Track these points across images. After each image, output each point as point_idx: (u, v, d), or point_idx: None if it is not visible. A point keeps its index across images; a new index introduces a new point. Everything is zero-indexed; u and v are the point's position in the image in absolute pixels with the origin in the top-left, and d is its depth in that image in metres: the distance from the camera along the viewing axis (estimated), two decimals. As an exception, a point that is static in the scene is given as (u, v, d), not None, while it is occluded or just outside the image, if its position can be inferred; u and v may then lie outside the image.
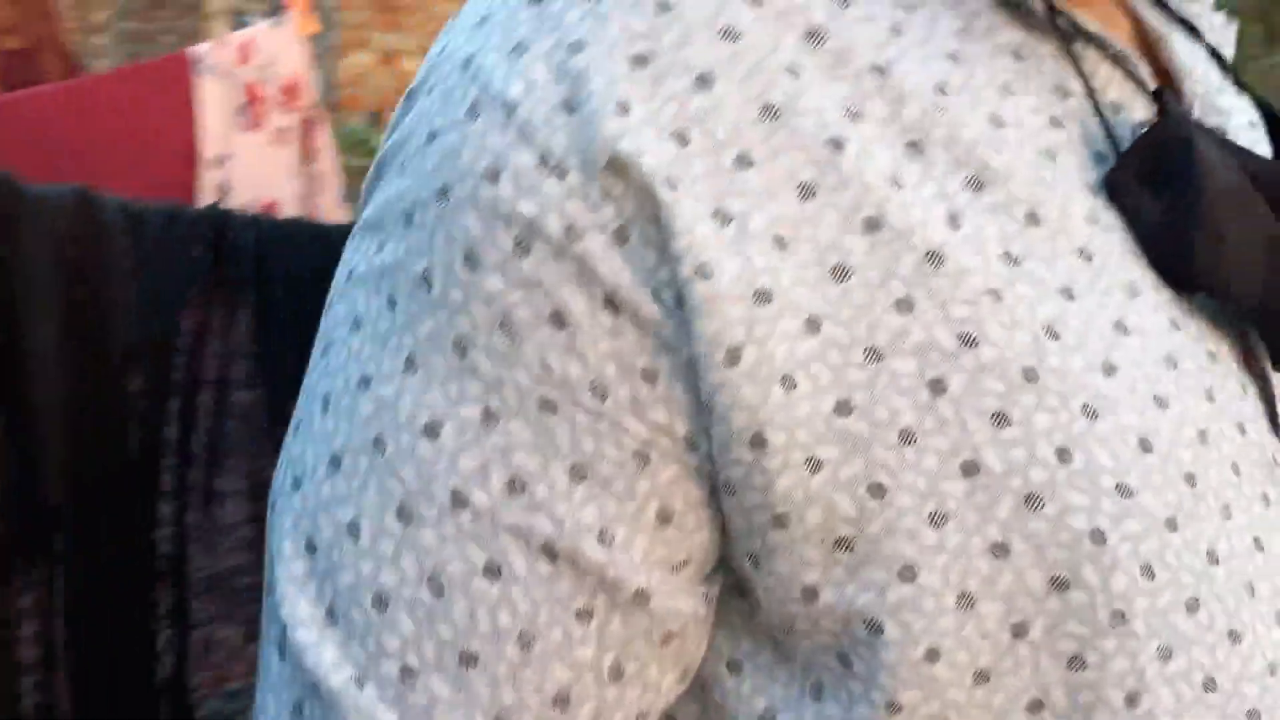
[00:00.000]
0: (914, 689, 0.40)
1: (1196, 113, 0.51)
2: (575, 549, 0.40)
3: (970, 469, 0.40)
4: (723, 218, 0.39)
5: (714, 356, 0.39)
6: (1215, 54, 0.55)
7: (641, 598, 0.41)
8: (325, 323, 0.45)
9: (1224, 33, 0.58)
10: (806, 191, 0.40)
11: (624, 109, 0.39)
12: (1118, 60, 0.48)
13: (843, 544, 0.41)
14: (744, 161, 0.40)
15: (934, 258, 0.41)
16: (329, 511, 0.42)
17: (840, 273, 0.40)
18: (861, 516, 0.40)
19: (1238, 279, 0.46)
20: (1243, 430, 0.46)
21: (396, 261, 0.41)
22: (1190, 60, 0.54)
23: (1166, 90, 0.48)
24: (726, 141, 0.40)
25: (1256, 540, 0.45)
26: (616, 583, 0.41)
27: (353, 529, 0.41)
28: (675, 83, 0.40)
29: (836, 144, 0.41)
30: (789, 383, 0.40)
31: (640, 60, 0.40)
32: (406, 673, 0.41)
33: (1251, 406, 0.47)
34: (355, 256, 0.44)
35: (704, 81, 0.40)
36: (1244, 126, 0.54)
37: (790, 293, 0.40)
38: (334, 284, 0.45)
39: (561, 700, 0.41)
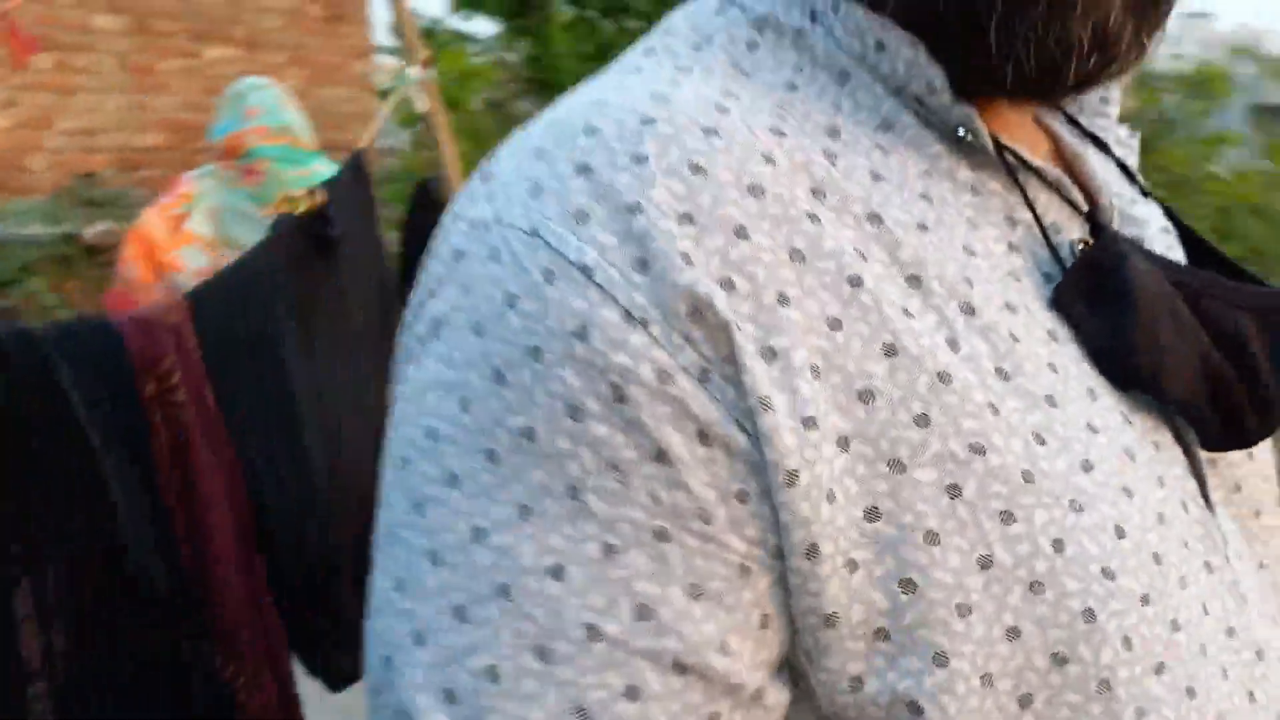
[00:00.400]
0: None
1: (1116, 224, 0.58)
2: (703, 663, 0.45)
3: (986, 563, 0.47)
4: (770, 353, 0.45)
5: (777, 479, 0.45)
6: (1123, 166, 0.64)
7: (758, 696, 0.47)
8: (409, 479, 0.47)
9: (1129, 143, 0.66)
10: (835, 324, 0.47)
11: (688, 261, 0.45)
12: (1053, 186, 0.56)
13: (881, 634, 0.46)
14: (782, 300, 0.46)
15: (944, 377, 0.47)
16: (464, 661, 0.44)
17: (866, 396, 0.46)
18: (895, 609, 0.46)
19: (1172, 379, 0.53)
20: (1186, 508, 0.53)
21: (493, 418, 0.45)
22: (1104, 174, 0.61)
23: (1098, 220, 0.56)
24: (765, 284, 0.46)
25: (1204, 606, 0.52)
26: (739, 687, 0.46)
27: (491, 673, 0.44)
28: (717, 236, 0.46)
29: (856, 281, 0.47)
30: (831, 497, 0.45)
31: (687, 218, 0.46)
32: None
33: (1189, 485, 0.54)
34: (431, 417, 0.47)
35: (741, 233, 0.46)
36: (1158, 233, 0.62)
37: (828, 417, 0.46)
38: (404, 441, 0.48)
39: None
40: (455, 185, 2.71)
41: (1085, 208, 0.56)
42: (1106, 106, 0.65)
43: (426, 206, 2.63)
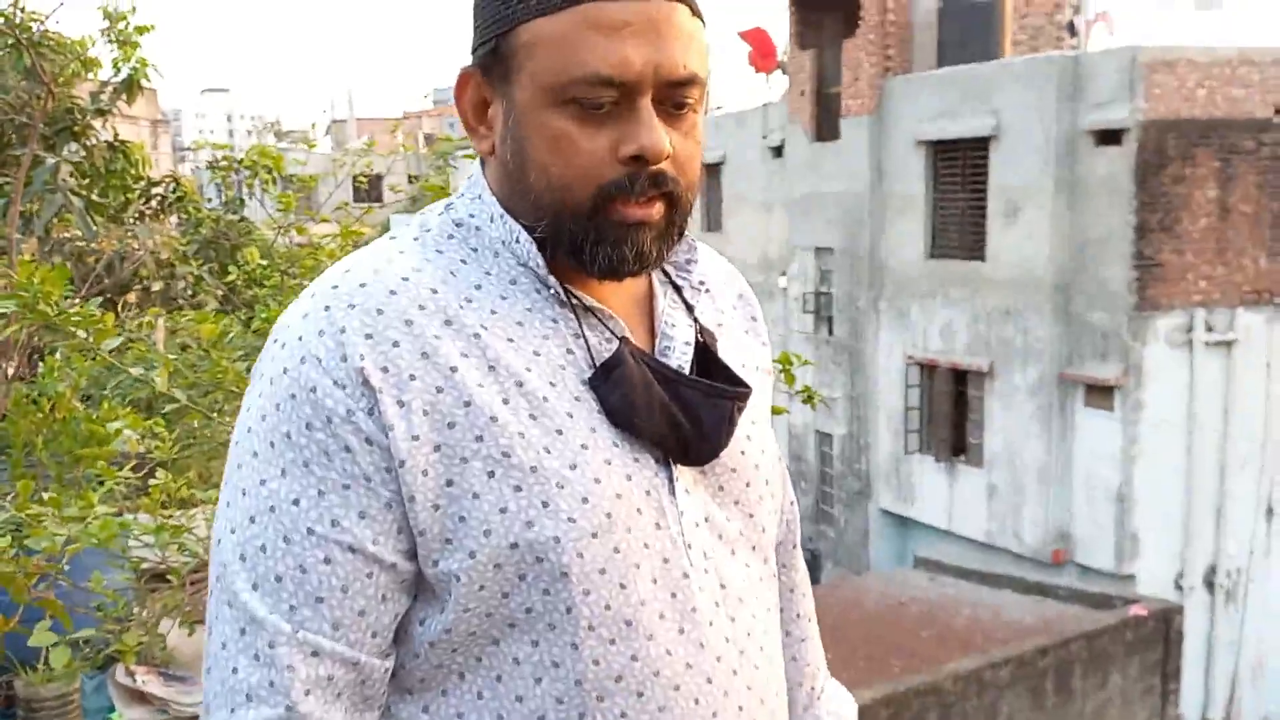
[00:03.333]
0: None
1: (660, 340, 1.12)
2: (363, 548, 0.98)
3: (504, 509, 0.98)
4: (399, 404, 0.97)
5: (394, 463, 0.97)
6: (686, 304, 1.15)
7: (393, 565, 1.02)
8: (236, 452, 1.02)
9: (698, 287, 1.17)
10: (438, 390, 0.98)
11: (362, 357, 0.97)
12: (602, 319, 1.07)
13: (447, 541, 0.99)
14: (411, 377, 0.98)
15: (493, 419, 0.99)
16: (251, 543, 0.99)
17: (450, 425, 0.98)
18: (454, 529, 0.98)
19: (642, 426, 1.04)
20: (648, 493, 1.04)
21: (271, 426, 0.99)
22: (670, 308, 1.14)
23: (623, 340, 1.06)
24: (403, 369, 0.97)
25: (645, 544, 1.03)
26: (382, 560, 1.00)
27: (263, 549, 0.98)
28: (383, 345, 0.98)
29: (453, 369, 0.99)
30: (425, 472, 0.97)
31: (369, 336, 0.98)
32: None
33: (659, 479, 1.06)
34: (244, 425, 1.02)
35: (395, 344, 0.98)
36: (681, 345, 1.12)
37: (428, 435, 0.97)
38: (238, 430, 1.03)
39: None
40: None
41: (621, 334, 1.07)
42: (691, 265, 1.16)
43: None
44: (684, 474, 1.07)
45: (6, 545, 2.50)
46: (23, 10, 5.42)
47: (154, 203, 5.98)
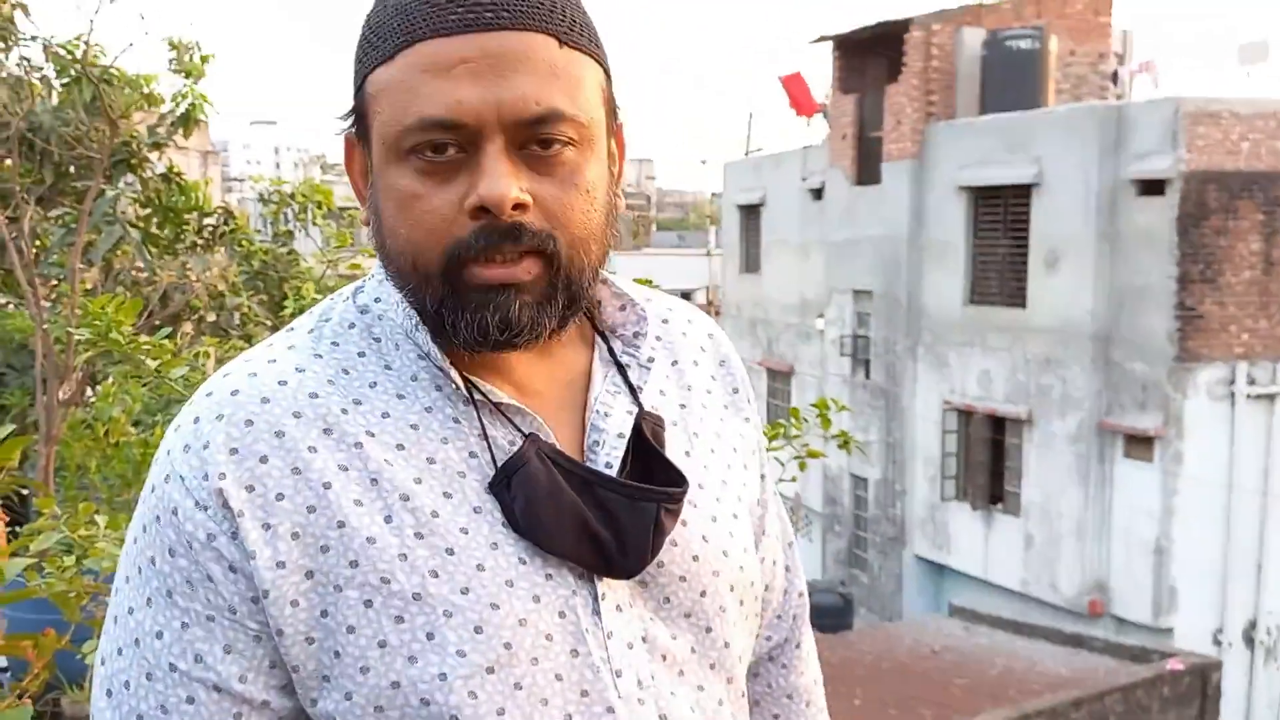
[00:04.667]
0: None
1: (590, 433, 0.96)
2: (229, 687, 0.88)
3: (383, 644, 0.86)
4: (265, 526, 0.86)
5: (259, 593, 0.87)
6: (630, 386, 0.99)
7: (265, 704, 0.89)
8: (117, 573, 0.94)
9: (646, 365, 1.01)
10: (311, 509, 0.87)
11: (223, 476, 0.87)
12: (510, 415, 0.93)
13: (323, 679, 0.88)
14: (279, 497, 0.87)
15: (370, 540, 0.87)
16: (117, 676, 0.91)
17: (324, 550, 0.87)
18: (330, 666, 0.87)
19: (553, 539, 0.89)
20: (562, 614, 0.90)
21: (139, 550, 0.90)
22: (607, 393, 0.98)
23: (528, 437, 0.91)
24: (271, 488, 0.87)
25: (557, 675, 0.89)
26: (251, 699, 0.89)
27: (126, 685, 0.90)
28: (250, 460, 0.87)
29: (327, 485, 0.87)
30: (295, 604, 0.86)
31: (234, 451, 0.87)
32: None
33: (578, 597, 0.91)
34: (127, 538, 0.93)
35: (263, 459, 0.87)
36: (614, 438, 0.95)
37: (299, 561, 0.86)
38: (123, 555, 0.94)
39: None
40: None
41: (531, 430, 0.92)
42: (639, 339, 1.02)
43: None
44: (615, 588, 0.92)
45: (69, 564, 2.58)
46: (89, 45, 5.60)
47: (206, 234, 6.13)
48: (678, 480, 0.94)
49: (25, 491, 4.08)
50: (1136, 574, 12.61)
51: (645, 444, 0.96)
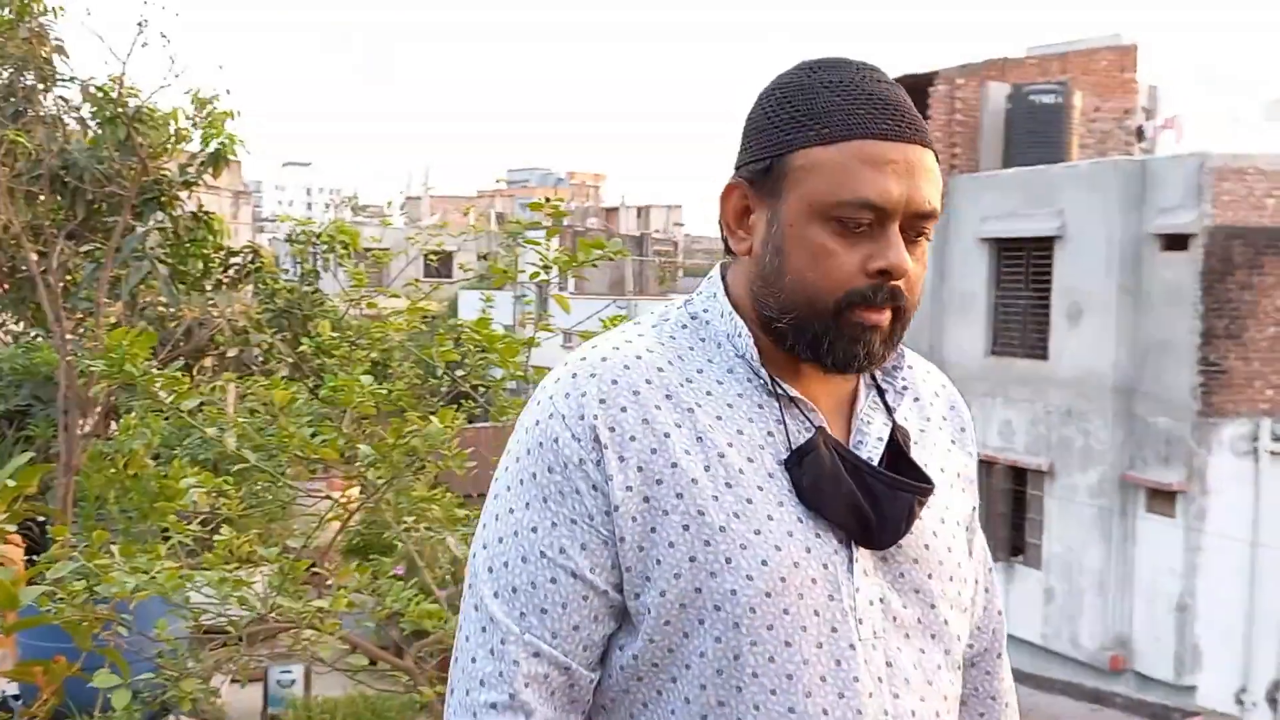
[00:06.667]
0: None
1: (854, 434, 1.25)
2: (583, 575, 1.17)
3: (694, 559, 1.15)
4: (620, 459, 1.17)
5: (610, 506, 1.17)
6: (887, 406, 1.28)
7: (604, 590, 1.20)
8: (495, 486, 1.24)
9: (901, 391, 1.30)
10: (653, 451, 1.17)
11: (595, 417, 1.18)
12: (803, 410, 1.22)
13: (635, 573, 1.17)
14: (632, 439, 1.17)
15: (693, 481, 1.17)
16: (499, 565, 1.20)
17: (659, 482, 1.17)
18: (646, 567, 1.16)
19: (827, 508, 1.18)
20: (825, 566, 1.17)
21: (521, 467, 1.21)
22: (870, 408, 1.27)
23: (819, 429, 1.20)
24: (627, 431, 1.17)
25: (815, 611, 1.16)
26: (596, 585, 1.19)
27: (509, 569, 1.19)
28: (613, 409, 1.18)
29: (666, 435, 1.18)
30: (634, 519, 1.16)
31: (602, 401, 1.18)
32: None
33: (839, 556, 1.18)
34: (506, 459, 1.24)
35: (623, 410, 1.18)
36: (874, 441, 1.25)
37: (639, 488, 1.16)
38: (499, 468, 1.24)
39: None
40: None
41: (818, 424, 1.21)
42: (896, 372, 1.30)
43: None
44: (864, 557, 1.19)
45: (80, 590, 2.63)
46: (123, 86, 5.73)
47: (232, 271, 6.23)
48: (925, 480, 1.22)
49: (43, 520, 4.15)
50: (1159, 630, 12.46)
51: (897, 450, 1.24)
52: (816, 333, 1.18)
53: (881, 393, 1.29)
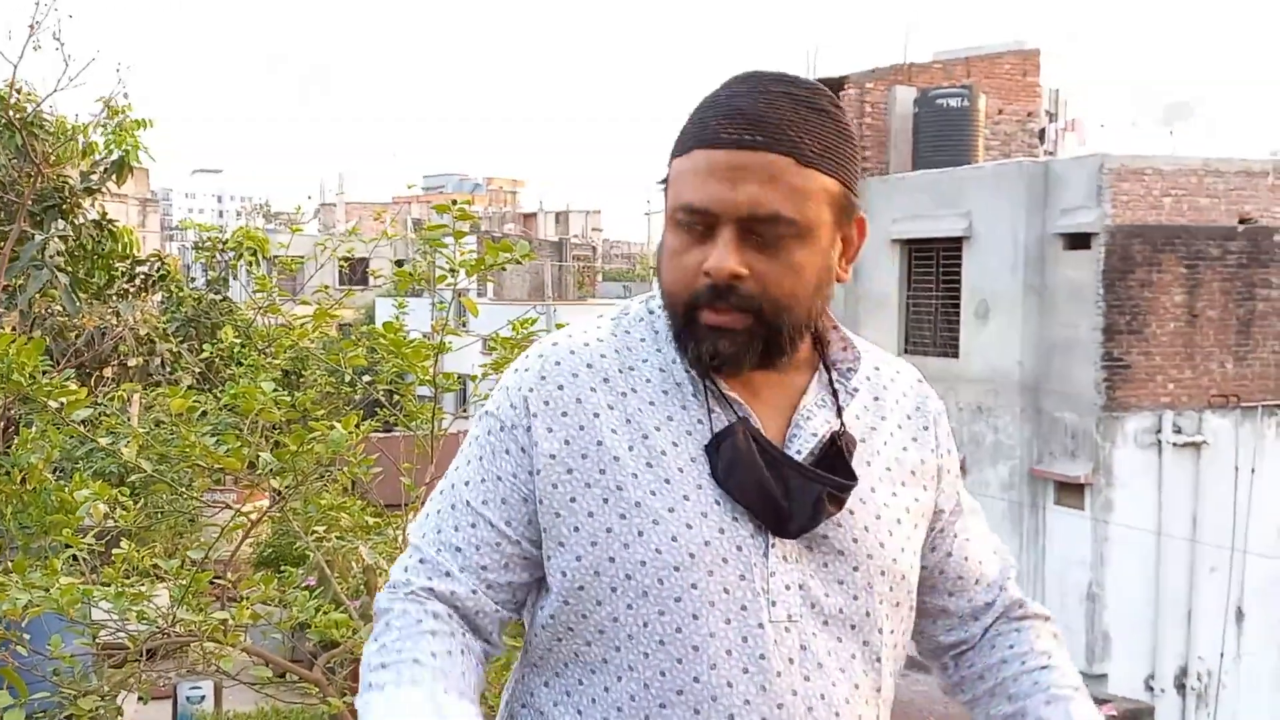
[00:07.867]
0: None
1: (791, 428, 1.31)
2: (500, 525, 1.30)
3: (609, 530, 1.25)
4: (548, 430, 1.29)
5: (534, 468, 1.29)
6: (837, 405, 1.33)
7: (517, 542, 1.34)
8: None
9: (851, 390, 1.36)
10: (581, 428, 1.28)
11: (532, 390, 1.31)
12: (732, 403, 1.28)
13: (558, 545, 1.28)
14: (564, 414, 1.29)
15: (616, 459, 1.27)
16: (432, 511, 1.35)
17: (584, 456, 1.27)
18: (567, 534, 1.27)
19: (738, 493, 1.24)
20: (739, 548, 1.24)
21: (474, 436, 1.34)
22: (815, 405, 1.33)
23: (742, 420, 1.27)
24: (559, 408, 1.29)
25: (724, 589, 1.23)
26: (510, 537, 1.32)
27: (440, 515, 1.33)
28: (549, 386, 1.30)
29: (595, 415, 1.29)
30: (556, 485, 1.28)
31: (543, 378, 1.31)
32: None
33: (753, 540, 1.25)
34: (472, 433, 1.36)
35: (560, 388, 1.30)
36: (809, 436, 1.30)
37: (563, 459, 1.28)
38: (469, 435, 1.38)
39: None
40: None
41: (743, 416, 1.27)
42: (849, 373, 1.36)
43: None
44: (785, 544, 1.25)
45: (-31, 607, 2.56)
46: (19, 91, 5.58)
47: (138, 280, 6.10)
48: (849, 477, 1.27)
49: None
50: (1070, 620, 12.75)
51: (836, 449, 1.29)
52: (679, 332, 1.28)
53: (834, 392, 1.34)
